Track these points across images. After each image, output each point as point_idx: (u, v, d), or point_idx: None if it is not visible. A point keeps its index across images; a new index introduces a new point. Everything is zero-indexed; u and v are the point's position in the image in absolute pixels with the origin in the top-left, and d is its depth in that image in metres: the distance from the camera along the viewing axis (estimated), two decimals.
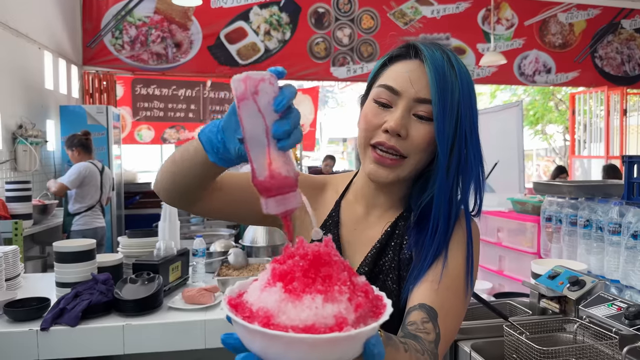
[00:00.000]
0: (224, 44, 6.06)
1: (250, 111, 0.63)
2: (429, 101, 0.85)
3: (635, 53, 7.29)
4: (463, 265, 0.88)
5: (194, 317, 2.01)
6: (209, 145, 0.75)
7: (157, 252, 2.26)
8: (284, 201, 0.64)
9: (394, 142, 0.85)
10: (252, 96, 0.62)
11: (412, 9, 6.54)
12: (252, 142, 0.64)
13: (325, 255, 0.55)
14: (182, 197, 0.90)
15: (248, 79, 0.62)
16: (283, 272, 0.54)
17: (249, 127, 0.63)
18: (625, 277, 1.71)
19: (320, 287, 0.52)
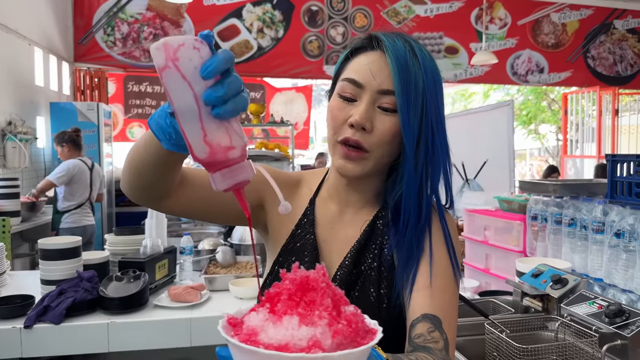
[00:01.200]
0: (217, 42, 6.04)
1: (175, 80, 0.57)
2: (392, 92, 0.83)
3: (628, 53, 7.33)
4: (447, 260, 0.88)
5: (179, 315, 2.00)
6: (159, 131, 0.69)
7: (144, 250, 2.26)
8: (231, 174, 0.60)
9: (359, 137, 0.84)
10: (173, 63, 0.56)
11: (406, 8, 6.54)
12: (183, 115, 0.58)
13: (313, 281, 0.57)
14: (146, 194, 0.85)
15: (166, 45, 0.56)
16: (273, 295, 0.56)
17: (177, 99, 0.57)
18: (609, 275, 1.72)
19: (301, 311, 0.54)
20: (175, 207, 0.89)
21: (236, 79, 0.58)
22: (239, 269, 2.50)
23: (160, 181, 0.82)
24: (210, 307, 2.11)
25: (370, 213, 0.95)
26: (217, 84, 0.57)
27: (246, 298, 2.21)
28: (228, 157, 0.59)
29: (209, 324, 2.01)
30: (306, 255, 0.92)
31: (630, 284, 1.63)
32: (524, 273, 1.68)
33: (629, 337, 1.23)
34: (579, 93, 7.49)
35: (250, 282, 2.30)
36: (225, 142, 0.59)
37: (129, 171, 0.83)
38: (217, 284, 2.32)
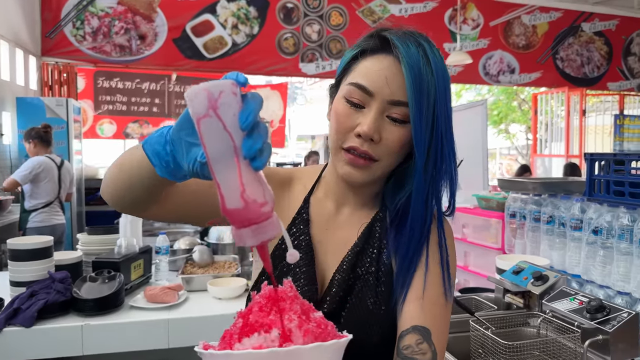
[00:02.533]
0: (190, 37, 5.94)
1: (214, 130, 0.54)
2: (404, 103, 0.80)
3: (594, 55, 7.53)
4: (441, 272, 0.86)
5: (157, 316, 1.96)
6: (156, 158, 0.65)
7: (118, 250, 2.20)
8: (260, 230, 0.56)
9: (367, 147, 0.81)
10: (215, 112, 0.53)
11: (381, 7, 6.57)
12: (218, 165, 0.55)
13: (281, 292, 0.61)
14: (132, 205, 0.80)
15: (207, 92, 0.53)
16: (245, 312, 0.61)
17: (214, 149, 0.54)
18: (586, 271, 1.75)
19: (272, 318, 0.58)
20: (161, 213, 0.85)
21: (265, 126, 0.56)
22: (216, 269, 2.46)
23: (148, 196, 0.78)
24: (188, 308, 2.07)
25: (368, 215, 0.93)
26: (253, 133, 0.55)
27: (225, 298, 2.17)
28: (261, 213, 0.56)
29: (187, 325, 1.97)
30: (301, 257, 0.88)
31: (607, 280, 1.66)
32: (504, 270, 1.70)
33: (610, 332, 1.25)
34: (549, 93, 7.66)
35: (229, 282, 2.26)
36: (260, 197, 0.55)
37: (114, 184, 0.78)
38: (194, 284, 2.27)
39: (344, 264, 0.88)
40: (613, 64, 7.61)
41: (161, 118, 7.09)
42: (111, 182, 0.78)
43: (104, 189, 0.81)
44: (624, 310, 1.29)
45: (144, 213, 0.83)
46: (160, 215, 0.86)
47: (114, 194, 0.79)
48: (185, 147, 0.61)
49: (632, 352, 1.28)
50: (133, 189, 0.76)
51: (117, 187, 0.77)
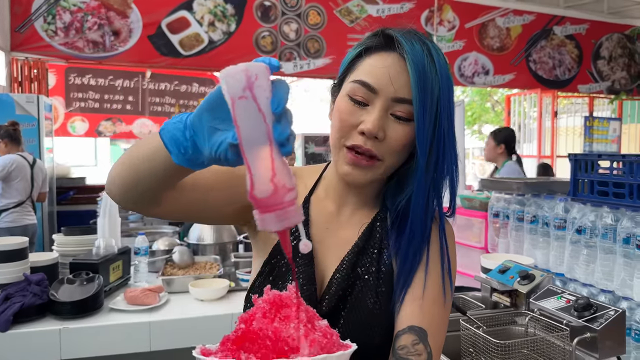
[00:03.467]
0: (166, 34, 5.83)
1: (249, 111, 0.53)
2: (408, 101, 0.80)
3: (566, 58, 7.70)
4: (441, 273, 0.86)
5: (138, 318, 1.91)
6: (173, 145, 0.64)
7: (97, 251, 2.14)
8: (285, 216, 0.56)
9: (370, 145, 0.80)
10: (251, 93, 0.53)
11: (358, 7, 6.57)
12: (250, 147, 0.54)
13: (286, 298, 0.59)
14: (139, 201, 0.77)
15: (246, 72, 0.53)
16: (247, 317, 0.59)
17: (247, 131, 0.54)
18: (570, 270, 1.78)
19: (277, 325, 0.56)
20: (166, 211, 0.82)
21: (291, 112, 0.57)
22: (197, 270, 2.42)
23: (158, 190, 0.75)
24: (169, 310, 2.03)
25: (369, 215, 0.92)
26: (283, 119, 0.55)
27: (207, 300, 2.13)
28: (286, 199, 0.55)
29: (169, 327, 1.93)
30: (301, 257, 0.87)
31: (591, 278, 1.69)
32: (489, 269, 1.71)
33: (598, 329, 1.27)
34: (521, 95, 7.80)
35: (211, 283, 2.23)
36: (288, 183, 0.55)
37: (124, 178, 0.75)
38: (175, 286, 2.23)
39: (344, 264, 0.87)
40: (583, 67, 7.79)
41: (135, 116, 6.95)
42: (120, 177, 0.75)
43: (110, 185, 0.77)
44: (611, 308, 1.31)
45: (149, 210, 0.80)
46: (167, 212, 0.83)
47: (122, 188, 0.76)
48: (208, 131, 0.60)
49: (618, 350, 1.30)
50: (144, 181, 0.73)
51: (127, 181, 0.74)
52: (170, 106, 7.04)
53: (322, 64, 6.27)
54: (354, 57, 0.86)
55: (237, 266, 2.49)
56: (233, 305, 2.10)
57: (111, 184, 0.77)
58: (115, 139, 10.93)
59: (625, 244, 1.54)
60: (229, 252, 2.74)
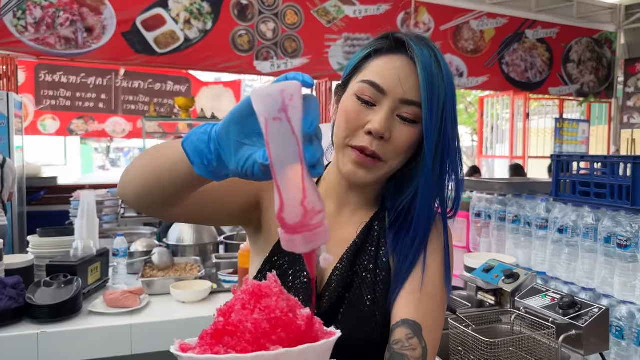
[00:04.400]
0: (140, 31, 5.72)
1: (282, 133, 0.52)
2: (415, 104, 0.81)
3: (537, 61, 7.87)
4: (442, 269, 0.87)
5: (118, 321, 1.87)
6: (197, 156, 0.62)
7: (75, 252, 2.09)
8: (313, 238, 0.55)
9: (375, 146, 0.81)
10: (286, 114, 0.52)
11: (335, 8, 6.58)
12: (281, 169, 0.53)
13: (265, 288, 0.56)
14: (155, 205, 0.76)
15: (282, 93, 0.52)
16: (225, 309, 0.56)
17: (279, 152, 0.53)
18: (551, 269, 1.81)
19: (257, 317, 0.53)
20: (180, 214, 0.82)
21: (320, 131, 0.56)
22: (177, 271, 2.38)
23: (177, 197, 0.74)
24: (150, 312, 1.99)
25: (368, 214, 0.93)
26: (314, 138, 0.55)
27: (189, 302, 2.10)
28: (315, 221, 0.54)
29: (151, 330, 1.89)
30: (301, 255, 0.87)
31: (572, 276, 1.73)
32: (473, 268, 1.73)
33: (583, 327, 1.29)
34: (494, 97, 7.94)
35: (193, 285, 2.19)
36: (318, 205, 0.54)
37: (142, 182, 0.73)
38: (156, 288, 2.19)
39: (343, 261, 0.88)
40: (554, 70, 7.98)
41: (108, 114, 6.82)
42: (138, 182, 0.73)
43: (123, 189, 0.76)
44: (595, 306, 1.34)
45: (164, 213, 0.79)
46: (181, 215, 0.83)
47: (140, 192, 0.74)
48: (234, 146, 0.58)
49: (602, 346, 1.33)
50: (163, 188, 0.71)
51: (147, 186, 0.72)
52: (144, 104, 6.94)
53: (299, 63, 6.25)
54: (362, 59, 0.87)
55: (218, 267, 2.46)
56: (215, 307, 2.06)
57: (126, 187, 0.75)
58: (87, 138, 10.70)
59: (606, 243, 1.58)
60: (210, 253, 2.70)
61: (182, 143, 0.64)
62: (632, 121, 8.27)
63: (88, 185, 5.42)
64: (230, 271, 2.39)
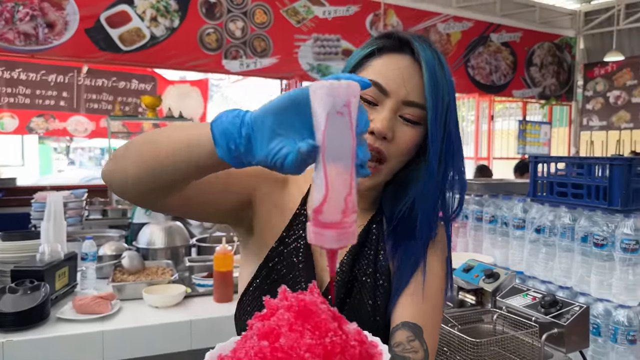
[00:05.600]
0: (105, 28, 5.55)
1: (343, 127, 0.53)
2: (418, 105, 0.81)
3: (501, 64, 8.05)
4: (443, 272, 0.87)
5: (89, 328, 1.80)
6: (223, 139, 0.59)
7: (41, 257, 1.99)
8: (344, 236, 0.54)
9: (379, 145, 0.80)
10: (348, 110, 0.52)
11: (305, 8, 6.56)
12: (333, 162, 0.53)
13: (310, 304, 0.52)
14: (154, 193, 0.71)
15: (350, 89, 0.53)
16: (269, 329, 0.50)
17: (335, 146, 0.53)
18: (529, 268, 1.84)
19: (309, 341, 0.49)
20: (173, 205, 0.77)
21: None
22: (148, 275, 2.31)
23: (180, 183, 0.70)
24: (123, 318, 1.92)
25: (365, 217, 0.91)
26: (363, 141, 0.55)
27: (163, 307, 2.04)
28: (351, 219, 0.54)
29: (123, 336, 1.82)
30: (300, 260, 0.85)
31: (549, 275, 1.76)
32: (453, 268, 1.74)
33: (565, 325, 1.32)
34: (460, 99, 8.08)
35: (166, 289, 2.13)
36: (356, 204, 0.55)
37: (145, 164, 0.67)
38: (127, 292, 2.12)
39: (342, 266, 0.86)
40: (517, 73, 8.18)
41: (69, 113, 6.60)
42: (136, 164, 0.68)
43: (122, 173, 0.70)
44: (575, 304, 1.36)
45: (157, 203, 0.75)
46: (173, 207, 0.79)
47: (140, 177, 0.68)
48: (269, 135, 0.57)
49: (583, 344, 1.36)
50: (172, 170, 0.66)
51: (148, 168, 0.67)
52: (108, 103, 6.75)
53: (269, 63, 6.20)
54: (364, 57, 0.85)
55: (192, 271, 2.40)
56: (190, 311, 2.01)
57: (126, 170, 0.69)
58: (46, 137, 10.34)
59: (583, 242, 1.61)
60: (182, 256, 2.64)
61: (211, 123, 0.62)
62: (591, 124, 8.58)
63: (49, 187, 5.23)
64: (205, 274, 2.33)
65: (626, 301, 1.53)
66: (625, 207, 1.54)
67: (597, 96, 8.48)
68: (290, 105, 0.55)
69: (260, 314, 0.55)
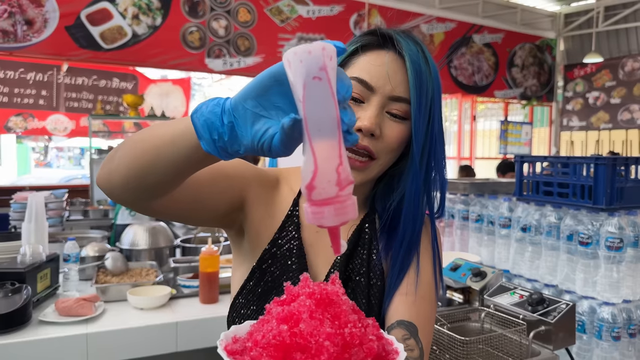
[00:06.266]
0: (85, 25, 5.47)
1: (322, 93, 0.49)
2: (404, 100, 0.80)
3: (484, 65, 8.14)
4: (432, 270, 0.87)
5: (73, 331, 1.76)
6: (206, 130, 0.57)
7: (22, 259, 1.95)
8: (343, 211, 0.51)
9: (367, 142, 0.79)
10: (326, 74, 0.49)
11: (289, 7, 6.54)
12: (317, 132, 0.49)
13: (332, 294, 0.51)
14: (143, 193, 0.68)
15: (324, 50, 0.49)
16: (289, 314, 0.49)
17: (317, 114, 0.49)
18: (514, 266, 1.86)
19: (329, 330, 0.48)
20: (164, 208, 0.74)
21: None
22: (132, 277, 2.27)
23: (170, 182, 0.67)
24: (107, 320, 1.88)
25: (358, 217, 0.90)
26: (347, 107, 0.52)
27: (147, 308, 2.01)
28: (346, 192, 0.51)
29: (108, 338, 1.79)
30: (294, 262, 0.84)
31: (535, 273, 1.78)
32: None
33: (552, 322, 1.33)
34: (443, 100, 8.12)
35: (151, 291, 2.10)
36: (350, 174, 0.51)
37: (131, 167, 0.65)
38: (111, 294, 2.08)
39: (336, 266, 0.86)
40: (499, 73, 8.27)
41: (49, 111, 6.49)
42: (122, 167, 0.66)
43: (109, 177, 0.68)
44: (562, 302, 1.38)
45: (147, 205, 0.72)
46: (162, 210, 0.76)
47: (128, 180, 0.66)
48: (252, 118, 0.54)
49: (569, 340, 1.37)
50: (159, 168, 0.64)
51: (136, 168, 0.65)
52: (88, 102, 6.65)
53: (252, 62, 6.17)
54: (349, 55, 0.84)
55: (177, 272, 2.37)
56: (176, 313, 1.99)
57: (112, 174, 0.67)
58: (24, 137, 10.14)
59: (569, 241, 1.63)
60: (166, 257, 2.60)
61: (191, 115, 0.59)
62: (571, 124, 8.72)
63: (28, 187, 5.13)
64: (190, 275, 2.30)
65: (610, 298, 1.55)
66: (609, 206, 1.56)
67: (577, 97, 8.62)
68: (269, 83, 0.53)
69: (280, 299, 0.54)
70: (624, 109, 8.04)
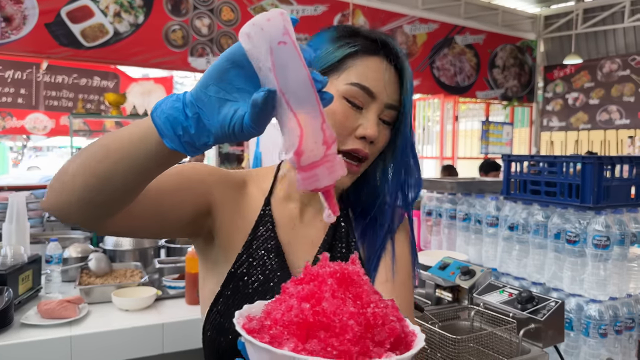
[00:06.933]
0: (66, 23, 5.37)
1: (290, 57, 0.50)
2: (395, 107, 0.84)
3: (466, 66, 8.21)
4: (409, 258, 0.92)
5: (56, 333, 1.73)
6: (169, 127, 0.55)
7: (3, 260, 1.91)
8: (334, 168, 0.53)
9: (368, 150, 0.83)
10: (290, 38, 0.50)
11: (272, 6, 6.52)
12: (293, 96, 0.50)
13: (354, 274, 0.51)
14: (102, 210, 0.64)
15: (283, 16, 0.50)
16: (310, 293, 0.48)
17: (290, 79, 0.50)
18: (502, 264, 1.87)
19: (352, 309, 0.47)
20: (122, 225, 0.71)
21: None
22: (116, 278, 2.24)
23: (132, 190, 0.64)
24: (91, 322, 1.85)
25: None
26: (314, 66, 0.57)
27: (133, 310, 1.98)
28: (333, 150, 0.52)
29: (92, 341, 1.76)
30: (272, 260, 0.84)
31: (522, 271, 1.80)
32: (429, 266, 1.75)
33: (542, 320, 1.34)
34: (426, 100, 8.20)
35: (135, 292, 2.07)
36: (333, 132, 0.53)
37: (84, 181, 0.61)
38: (95, 296, 2.05)
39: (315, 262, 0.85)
40: (481, 74, 8.36)
41: (28, 110, 6.37)
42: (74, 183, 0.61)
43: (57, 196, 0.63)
44: (551, 300, 1.39)
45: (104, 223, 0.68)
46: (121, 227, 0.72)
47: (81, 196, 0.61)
48: (217, 104, 0.54)
49: (558, 338, 1.38)
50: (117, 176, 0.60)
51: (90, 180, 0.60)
52: (69, 100, 6.55)
53: None
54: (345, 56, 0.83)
55: (162, 273, 2.34)
56: (161, 315, 1.96)
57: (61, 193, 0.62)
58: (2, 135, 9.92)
59: (556, 239, 1.65)
60: (151, 258, 2.57)
61: (151, 114, 0.58)
62: (551, 124, 8.85)
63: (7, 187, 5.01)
64: (176, 276, 2.28)
65: (597, 296, 1.57)
66: (596, 204, 1.58)
67: (557, 98, 8.76)
68: (227, 65, 0.53)
69: (297, 278, 0.53)
70: (602, 109, 8.19)
